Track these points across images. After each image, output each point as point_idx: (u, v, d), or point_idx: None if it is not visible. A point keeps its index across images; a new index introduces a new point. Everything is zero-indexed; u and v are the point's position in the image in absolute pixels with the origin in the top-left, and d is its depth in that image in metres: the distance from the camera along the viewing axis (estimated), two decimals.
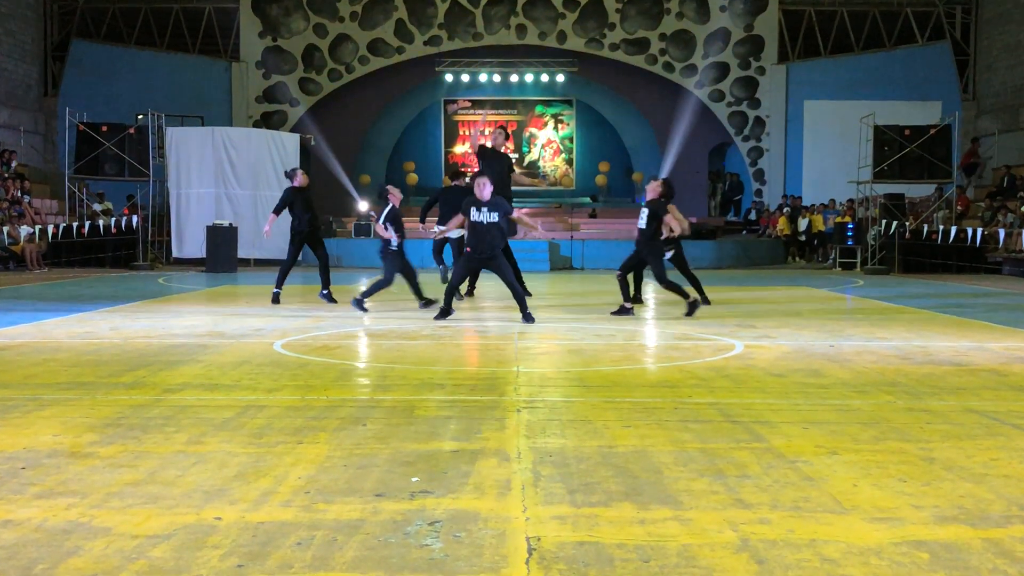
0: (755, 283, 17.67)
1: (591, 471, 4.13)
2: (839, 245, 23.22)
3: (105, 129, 21.86)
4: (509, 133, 12.50)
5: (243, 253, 21.16)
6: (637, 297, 12.36)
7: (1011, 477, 4.08)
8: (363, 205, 25.05)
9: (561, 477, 4.03)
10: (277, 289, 12.22)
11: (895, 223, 21.46)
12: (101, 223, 21.68)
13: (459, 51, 29.17)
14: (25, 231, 19.86)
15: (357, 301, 10.98)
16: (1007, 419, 5.26)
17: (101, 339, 8.47)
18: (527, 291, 13.45)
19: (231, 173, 21.86)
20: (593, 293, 14.69)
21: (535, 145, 32.25)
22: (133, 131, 21.90)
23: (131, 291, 14.50)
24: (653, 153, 30.39)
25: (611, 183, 31.67)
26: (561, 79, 30.45)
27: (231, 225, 20.71)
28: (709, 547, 3.19)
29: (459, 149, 32.02)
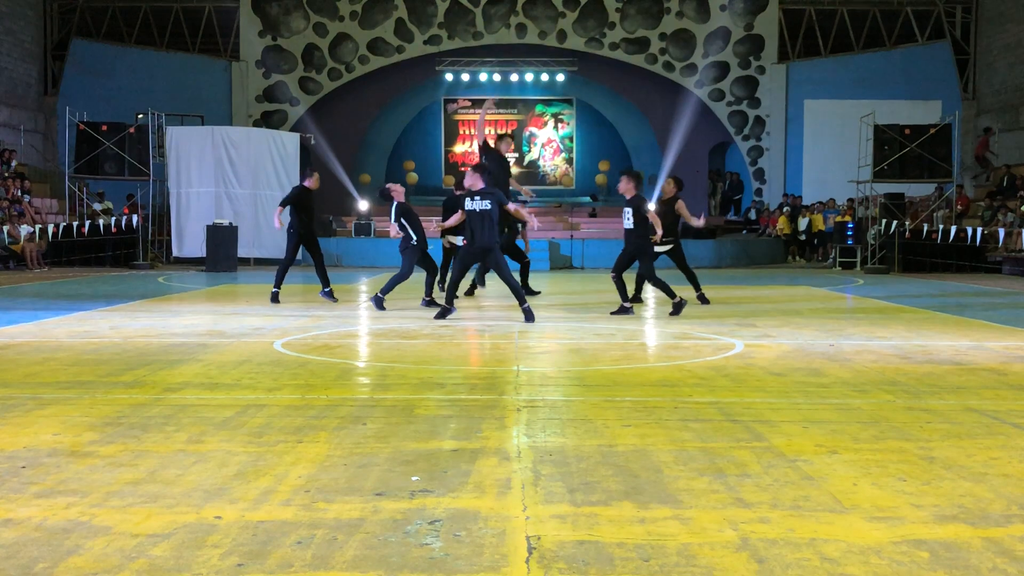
0: (755, 282, 17.68)
1: (591, 470, 4.13)
2: (839, 244, 23.22)
3: (105, 128, 21.89)
4: (512, 142, 12.54)
5: (243, 252, 21.18)
6: (637, 297, 12.36)
7: (1011, 476, 4.08)
8: (363, 204, 25.05)
9: (561, 476, 4.03)
10: (276, 288, 12.24)
11: (895, 222, 21.47)
12: (101, 222, 21.70)
13: (459, 50, 29.18)
14: (25, 230, 19.88)
15: (377, 299, 11.20)
16: (1007, 418, 5.26)
17: (101, 338, 8.48)
18: (534, 290, 13.54)
19: (231, 172, 21.87)
20: (593, 292, 14.69)
21: (535, 144, 32.25)
22: (133, 130, 21.93)
23: (131, 290, 14.51)
24: (653, 152, 30.40)
25: (611, 182, 31.61)
26: (561, 78, 30.46)
27: (231, 224, 20.72)
28: (709, 546, 3.19)
29: (459, 148, 32.03)
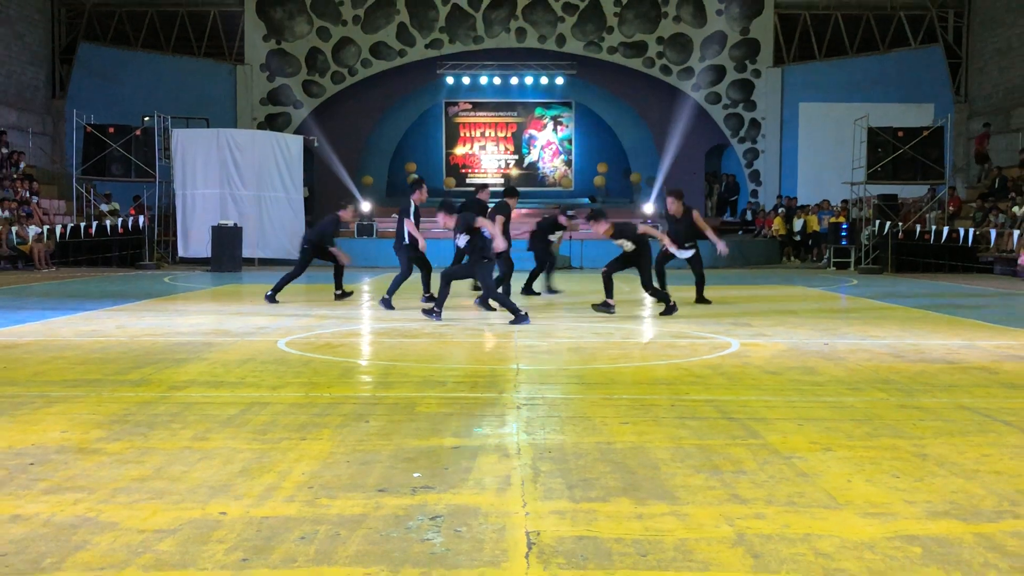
0: (751, 282, 17.71)
1: (589, 467, 4.16)
2: (833, 245, 23.27)
3: (112, 131, 21.96)
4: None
5: (247, 253, 21.25)
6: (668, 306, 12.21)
7: (1002, 473, 4.12)
8: (365, 205, 25.11)
9: (560, 473, 4.07)
10: (272, 292, 12.25)
11: (888, 223, 21.52)
12: (108, 223, 21.74)
13: (460, 54, 29.24)
14: (33, 231, 19.92)
15: (384, 301, 11.42)
16: (998, 416, 5.30)
17: (108, 337, 8.52)
18: (535, 291, 13.70)
19: (236, 174, 21.93)
20: (592, 292, 14.70)
21: (534, 147, 32.30)
22: (139, 133, 22.00)
23: (137, 290, 14.55)
24: (651, 154, 30.45)
25: (609, 184, 31.74)
26: (560, 82, 30.51)
27: (236, 225, 20.78)
28: (705, 541, 3.23)
29: (460, 151, 32.11)
